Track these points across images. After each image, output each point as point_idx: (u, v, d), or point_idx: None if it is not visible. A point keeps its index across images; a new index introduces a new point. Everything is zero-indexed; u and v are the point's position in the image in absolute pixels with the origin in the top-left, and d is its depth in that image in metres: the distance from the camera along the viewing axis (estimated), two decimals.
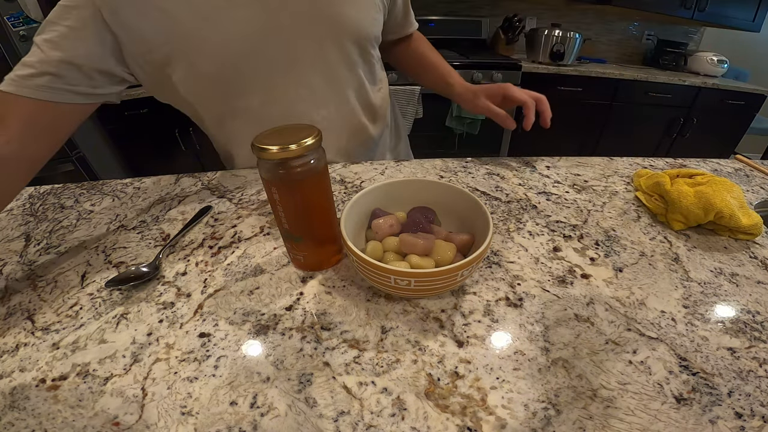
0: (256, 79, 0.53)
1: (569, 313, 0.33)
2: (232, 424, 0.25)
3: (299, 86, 0.56)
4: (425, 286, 0.30)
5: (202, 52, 0.47)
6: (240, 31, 0.48)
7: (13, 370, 0.29)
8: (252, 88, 0.54)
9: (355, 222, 0.37)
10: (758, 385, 0.27)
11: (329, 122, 0.60)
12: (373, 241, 0.36)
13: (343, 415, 0.25)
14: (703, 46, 2.45)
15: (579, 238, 0.42)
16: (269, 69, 0.52)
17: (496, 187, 0.53)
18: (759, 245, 0.41)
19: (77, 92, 0.43)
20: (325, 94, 0.58)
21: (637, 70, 2.04)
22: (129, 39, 0.44)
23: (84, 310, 0.34)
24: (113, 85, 0.48)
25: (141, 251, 0.42)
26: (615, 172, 0.57)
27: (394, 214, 0.38)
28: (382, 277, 0.29)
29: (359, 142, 0.66)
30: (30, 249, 0.44)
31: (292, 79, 0.55)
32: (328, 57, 0.55)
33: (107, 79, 0.46)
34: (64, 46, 0.41)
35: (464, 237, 0.36)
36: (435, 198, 0.40)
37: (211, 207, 0.50)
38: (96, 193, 0.56)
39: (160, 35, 0.45)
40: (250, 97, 0.54)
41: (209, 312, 0.34)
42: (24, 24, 1.56)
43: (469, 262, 0.29)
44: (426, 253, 0.33)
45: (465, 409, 0.26)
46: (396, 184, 0.40)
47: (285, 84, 0.55)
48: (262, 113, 0.56)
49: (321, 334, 0.31)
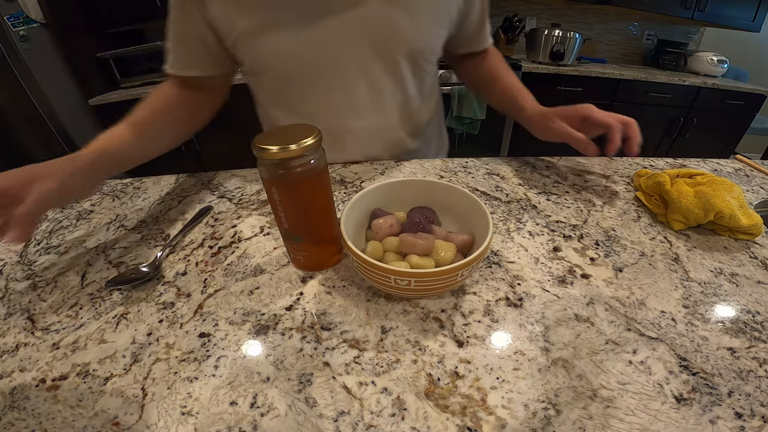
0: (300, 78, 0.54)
1: (569, 313, 0.33)
2: (232, 424, 0.25)
3: (341, 92, 0.56)
4: (425, 286, 0.30)
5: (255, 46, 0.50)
6: (290, 31, 0.49)
7: (13, 370, 0.29)
8: (295, 84, 0.55)
9: (355, 222, 0.37)
10: (758, 385, 0.27)
11: (366, 132, 0.60)
12: (373, 241, 0.36)
13: (343, 415, 0.25)
14: (703, 46, 2.45)
15: (579, 238, 0.42)
16: (313, 70, 0.53)
17: (496, 187, 0.53)
18: (759, 245, 0.41)
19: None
20: (365, 105, 0.58)
21: (637, 70, 2.04)
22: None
23: (84, 310, 0.34)
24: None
25: (141, 251, 0.42)
26: (615, 172, 0.57)
27: (394, 214, 0.38)
28: (382, 277, 0.29)
29: (392, 155, 0.65)
30: (30, 249, 0.44)
31: (335, 84, 0.55)
32: (373, 67, 0.54)
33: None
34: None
35: (464, 237, 0.36)
36: (435, 198, 0.40)
37: (211, 207, 0.50)
38: (96, 193, 0.56)
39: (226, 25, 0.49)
40: (291, 91, 0.56)
41: (209, 312, 0.34)
42: (24, 24, 1.56)
43: (469, 262, 0.29)
44: (426, 253, 0.33)
45: (465, 409, 0.26)
46: (396, 184, 0.40)
47: (327, 88, 0.55)
48: (301, 110, 0.58)
49: (321, 334, 0.31)
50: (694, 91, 1.94)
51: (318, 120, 0.55)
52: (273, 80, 0.56)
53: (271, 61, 0.52)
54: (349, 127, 0.59)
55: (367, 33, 0.51)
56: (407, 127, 0.64)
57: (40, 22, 1.60)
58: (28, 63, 1.51)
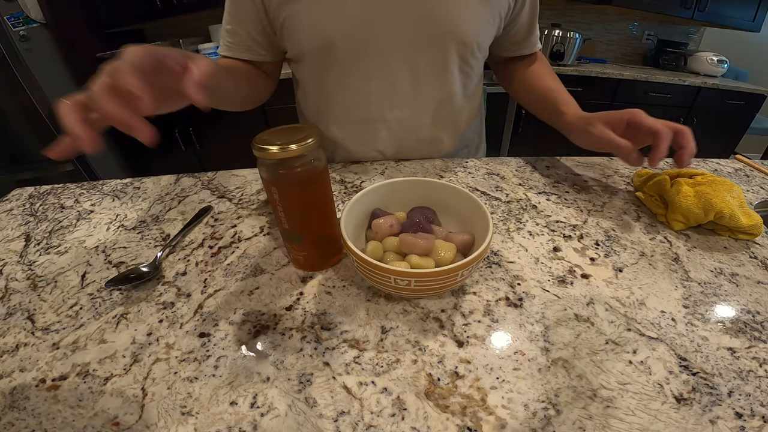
0: (344, 59, 0.53)
1: (569, 313, 0.33)
2: (232, 424, 0.25)
3: (381, 79, 0.55)
4: (425, 286, 0.30)
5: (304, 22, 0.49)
6: (341, 11, 0.48)
7: (13, 370, 0.29)
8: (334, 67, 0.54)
9: (355, 222, 0.37)
10: (758, 385, 0.27)
11: (399, 124, 0.59)
12: (373, 241, 0.36)
13: (343, 415, 0.25)
14: (703, 46, 2.45)
15: (579, 238, 0.42)
16: (357, 53, 0.52)
17: (496, 187, 0.53)
18: (759, 245, 0.41)
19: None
20: (404, 96, 0.56)
21: (637, 70, 2.04)
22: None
23: (84, 310, 0.34)
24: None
25: (141, 251, 0.42)
26: (615, 172, 0.57)
27: (394, 214, 0.38)
28: (382, 277, 0.29)
29: (423, 153, 0.63)
30: (30, 249, 0.44)
31: (377, 70, 0.54)
32: (419, 56, 0.53)
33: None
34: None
35: (464, 237, 0.36)
36: (435, 198, 0.40)
37: (211, 207, 0.50)
38: (96, 193, 0.56)
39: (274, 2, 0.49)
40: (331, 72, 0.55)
41: (209, 312, 0.34)
42: (24, 24, 1.56)
43: (469, 262, 0.29)
44: (426, 253, 0.33)
45: (465, 409, 0.26)
46: (396, 184, 0.40)
47: (367, 72, 0.54)
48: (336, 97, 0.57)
49: (321, 334, 0.31)
50: (694, 91, 1.94)
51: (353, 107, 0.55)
52: (313, 63, 0.55)
53: (312, 39, 0.51)
54: (383, 116, 0.58)
55: (419, 17, 0.49)
56: (445, 127, 0.62)
57: (40, 22, 1.60)
58: (28, 63, 1.51)
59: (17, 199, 0.56)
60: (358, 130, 0.61)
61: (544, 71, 0.63)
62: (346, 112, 0.59)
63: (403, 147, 0.62)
